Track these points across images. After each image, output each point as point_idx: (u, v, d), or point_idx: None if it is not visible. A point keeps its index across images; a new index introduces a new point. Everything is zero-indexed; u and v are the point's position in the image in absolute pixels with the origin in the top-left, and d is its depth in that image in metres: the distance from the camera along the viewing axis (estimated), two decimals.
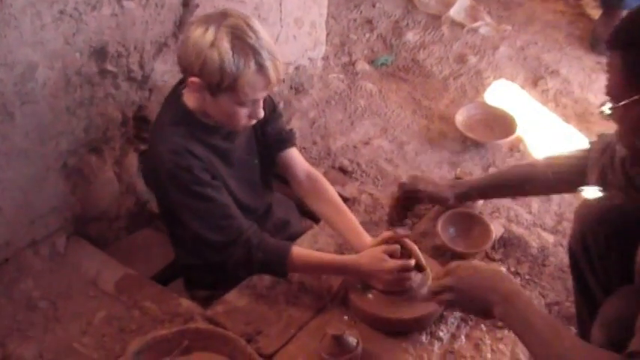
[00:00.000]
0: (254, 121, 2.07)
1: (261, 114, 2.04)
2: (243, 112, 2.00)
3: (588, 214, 1.95)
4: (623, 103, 1.51)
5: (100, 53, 2.23)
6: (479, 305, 1.64)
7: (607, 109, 1.56)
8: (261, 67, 1.90)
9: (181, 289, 2.42)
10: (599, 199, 1.98)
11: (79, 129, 2.30)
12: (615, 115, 1.56)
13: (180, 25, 2.44)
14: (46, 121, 2.17)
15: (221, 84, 1.90)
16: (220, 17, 1.90)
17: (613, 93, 1.55)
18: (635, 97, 1.48)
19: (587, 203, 2.05)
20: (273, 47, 1.94)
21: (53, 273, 2.31)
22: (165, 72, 2.48)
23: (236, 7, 2.62)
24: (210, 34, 1.87)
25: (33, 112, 2.12)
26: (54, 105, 2.17)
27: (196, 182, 2.01)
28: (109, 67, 2.28)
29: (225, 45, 1.86)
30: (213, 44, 1.86)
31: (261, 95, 1.99)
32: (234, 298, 2.19)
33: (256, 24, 1.93)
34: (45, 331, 2.13)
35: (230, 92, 1.92)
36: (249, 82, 1.91)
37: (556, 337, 1.46)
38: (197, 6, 2.45)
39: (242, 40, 1.88)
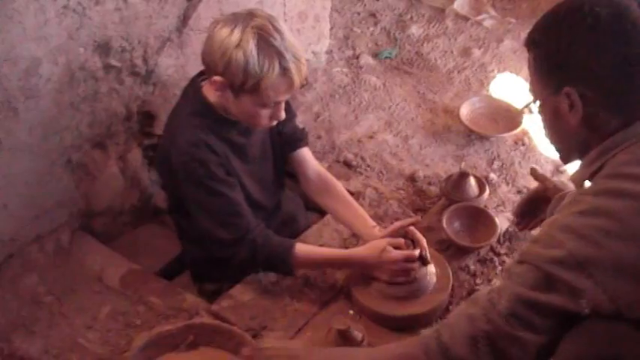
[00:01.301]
0: (275, 122, 2.07)
1: (283, 116, 2.05)
2: (265, 113, 2.00)
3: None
4: (538, 99, 1.57)
5: (103, 48, 2.23)
6: None
7: (532, 106, 1.62)
8: (285, 70, 1.90)
9: (188, 283, 2.42)
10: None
11: (83, 124, 2.30)
12: (538, 112, 1.61)
13: (184, 19, 2.44)
14: (50, 116, 2.17)
15: (244, 85, 1.90)
16: (247, 18, 1.90)
17: (532, 91, 1.60)
18: (546, 95, 1.53)
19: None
20: (298, 49, 1.94)
21: (58, 268, 2.31)
22: (169, 66, 2.48)
23: (240, 1, 2.62)
24: (236, 35, 1.87)
25: (37, 108, 2.12)
26: (58, 100, 2.17)
27: (210, 177, 2.01)
28: (113, 62, 2.28)
29: (251, 46, 1.86)
30: (239, 45, 1.86)
31: (283, 98, 1.99)
32: (239, 292, 2.19)
33: (282, 25, 1.93)
34: (50, 326, 2.13)
35: (253, 93, 1.93)
36: (272, 85, 1.91)
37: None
38: (200, 0, 2.44)
39: (267, 42, 1.87)
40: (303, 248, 2.12)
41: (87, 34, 2.15)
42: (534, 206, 2.27)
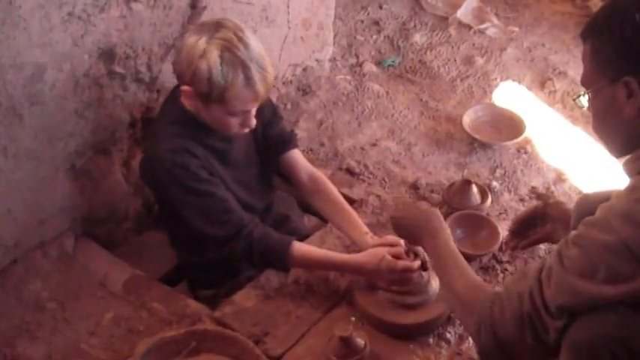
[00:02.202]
0: (247, 130, 2.09)
1: (253, 123, 2.07)
2: (234, 121, 2.03)
3: (585, 207, 1.95)
4: (591, 90, 1.56)
5: (108, 55, 2.24)
6: (412, 235, 1.96)
7: (581, 100, 1.61)
8: (249, 81, 1.92)
9: (186, 290, 2.42)
10: (596, 192, 1.99)
11: (87, 130, 2.31)
12: (589, 104, 1.60)
13: (188, 26, 2.44)
14: (54, 122, 2.18)
15: (210, 94, 1.94)
16: (213, 28, 1.93)
17: (585, 82, 1.59)
18: (602, 84, 1.52)
19: (585, 197, 2.07)
20: (264, 60, 1.96)
21: (62, 274, 2.32)
22: (173, 73, 2.48)
23: (244, 9, 2.63)
24: (201, 45, 1.90)
25: (41, 114, 2.13)
26: (62, 106, 2.18)
27: (194, 179, 2.04)
28: (117, 69, 2.29)
29: (215, 57, 1.89)
30: (202, 55, 1.90)
31: (250, 107, 2.02)
32: (242, 299, 2.20)
33: (249, 36, 1.95)
34: (53, 331, 2.13)
35: (220, 103, 1.96)
36: (237, 95, 1.94)
37: (455, 268, 1.76)
38: (205, 8, 2.45)
39: (232, 53, 1.90)
40: (301, 246, 2.14)
41: (91, 41, 2.16)
42: (528, 225, 2.25)
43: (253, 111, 2.04)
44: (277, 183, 2.49)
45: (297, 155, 2.36)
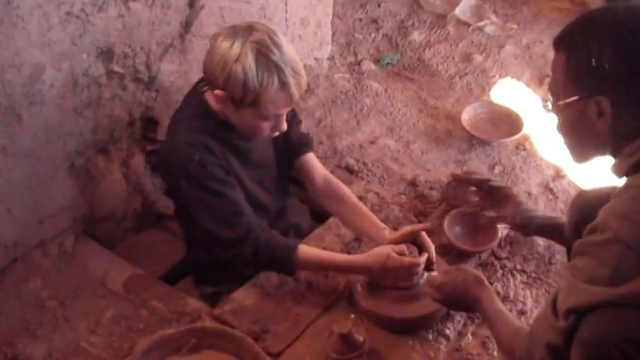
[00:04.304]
0: (277, 134, 2.10)
1: (284, 127, 2.07)
2: (266, 125, 2.03)
3: (581, 204, 1.96)
4: (562, 102, 1.57)
5: (106, 54, 2.24)
6: (465, 305, 1.95)
7: (549, 104, 1.64)
8: (284, 85, 1.92)
9: (190, 287, 2.43)
10: (593, 189, 2.00)
11: (86, 130, 2.31)
12: (556, 111, 1.62)
13: (187, 25, 2.45)
14: (53, 122, 2.19)
15: (244, 99, 1.92)
16: (247, 31, 1.91)
17: (554, 90, 1.61)
18: (574, 99, 1.54)
19: (581, 193, 2.08)
20: (297, 63, 1.95)
21: (62, 273, 2.33)
22: (171, 72, 2.49)
23: (242, 7, 2.64)
24: (235, 49, 1.88)
25: (41, 113, 2.14)
26: (61, 106, 2.19)
27: (209, 177, 2.02)
28: (116, 68, 2.30)
29: (250, 61, 1.88)
30: (238, 59, 1.88)
31: (283, 111, 2.01)
32: (242, 296, 2.20)
33: (282, 39, 1.94)
34: (53, 330, 2.14)
35: (253, 107, 1.95)
36: (271, 99, 1.93)
37: (504, 326, 1.78)
38: (202, 7, 2.46)
39: (266, 57, 1.89)
40: (306, 250, 2.13)
41: (90, 40, 2.16)
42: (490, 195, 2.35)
43: (285, 115, 2.04)
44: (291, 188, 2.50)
45: (312, 158, 2.37)
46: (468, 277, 1.92)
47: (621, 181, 1.56)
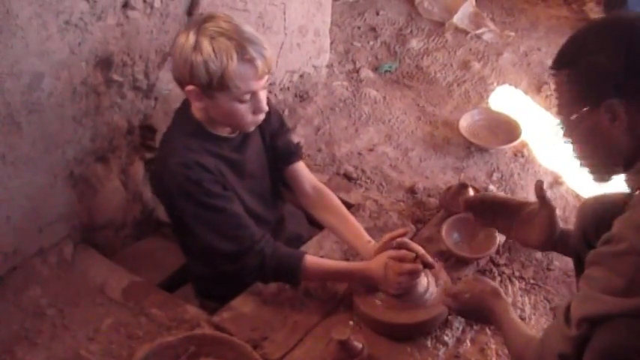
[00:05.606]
0: (261, 116, 2.06)
1: (265, 107, 2.03)
2: (244, 108, 2.00)
3: (589, 211, 1.96)
4: (573, 117, 1.57)
5: (105, 63, 2.25)
6: (480, 316, 1.97)
7: (562, 127, 1.63)
8: (244, 57, 1.90)
9: (189, 295, 2.42)
10: (599, 196, 2.00)
11: (85, 138, 2.32)
12: (570, 129, 1.62)
13: None
14: (52, 130, 2.19)
15: (211, 83, 1.92)
16: (199, 21, 1.94)
17: (564, 112, 1.61)
18: (585, 110, 1.54)
19: (588, 201, 2.08)
20: (256, 37, 1.95)
21: (61, 281, 2.33)
22: (170, 81, 2.48)
23: (240, 16, 2.64)
24: (191, 39, 1.90)
25: (40, 122, 2.14)
26: (60, 114, 2.19)
27: (207, 194, 2.01)
28: (115, 77, 2.30)
29: (206, 45, 1.89)
30: (195, 48, 1.90)
31: (255, 86, 1.97)
32: (240, 304, 2.20)
33: (235, 20, 1.95)
34: (52, 338, 2.14)
35: (223, 90, 1.93)
36: (236, 74, 1.91)
37: (517, 335, 1.79)
38: (201, 15, 2.46)
39: (221, 35, 1.90)
40: (312, 259, 2.13)
41: (89, 49, 2.17)
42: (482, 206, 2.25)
43: (262, 95, 2.01)
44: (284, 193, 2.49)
45: (301, 167, 2.36)
46: (485, 288, 1.94)
47: (623, 187, 1.56)
